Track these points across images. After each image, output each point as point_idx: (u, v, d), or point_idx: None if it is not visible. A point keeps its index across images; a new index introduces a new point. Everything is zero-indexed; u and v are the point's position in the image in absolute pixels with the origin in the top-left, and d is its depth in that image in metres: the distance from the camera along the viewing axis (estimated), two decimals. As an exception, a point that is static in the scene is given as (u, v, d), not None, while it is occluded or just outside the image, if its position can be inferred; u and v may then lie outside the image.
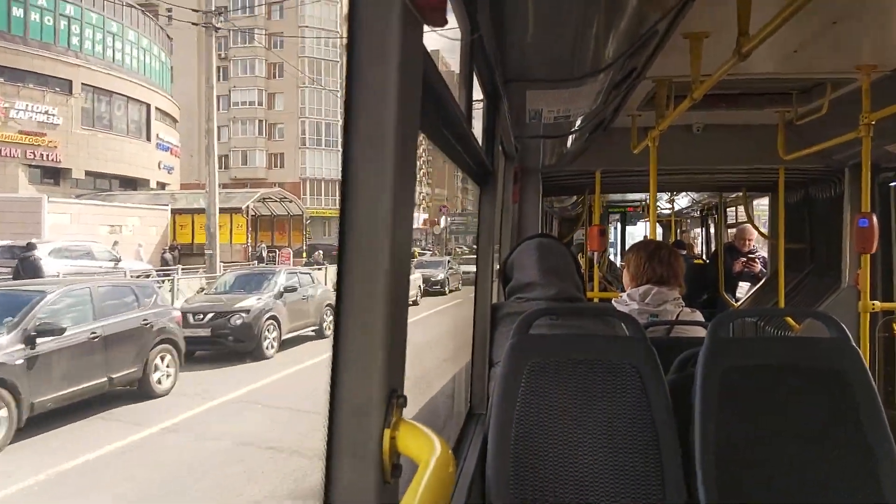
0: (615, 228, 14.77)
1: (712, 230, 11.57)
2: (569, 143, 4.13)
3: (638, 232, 14.30)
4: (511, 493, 1.96)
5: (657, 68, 3.08)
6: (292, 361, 13.03)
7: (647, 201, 11.43)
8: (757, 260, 6.77)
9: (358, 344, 0.82)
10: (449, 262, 30.78)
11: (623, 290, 3.11)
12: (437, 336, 13.89)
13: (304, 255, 37.37)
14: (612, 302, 3.12)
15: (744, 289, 7.58)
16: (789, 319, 5.09)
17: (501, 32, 2.02)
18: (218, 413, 9.59)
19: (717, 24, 2.66)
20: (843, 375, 2.03)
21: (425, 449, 0.79)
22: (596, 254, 6.63)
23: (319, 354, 13.38)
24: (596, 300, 5.68)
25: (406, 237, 0.87)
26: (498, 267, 3.00)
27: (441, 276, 27.56)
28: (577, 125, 3.43)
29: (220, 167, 59.42)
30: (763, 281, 7.05)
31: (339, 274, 0.82)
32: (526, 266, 2.56)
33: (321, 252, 35.61)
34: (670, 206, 11.03)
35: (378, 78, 0.80)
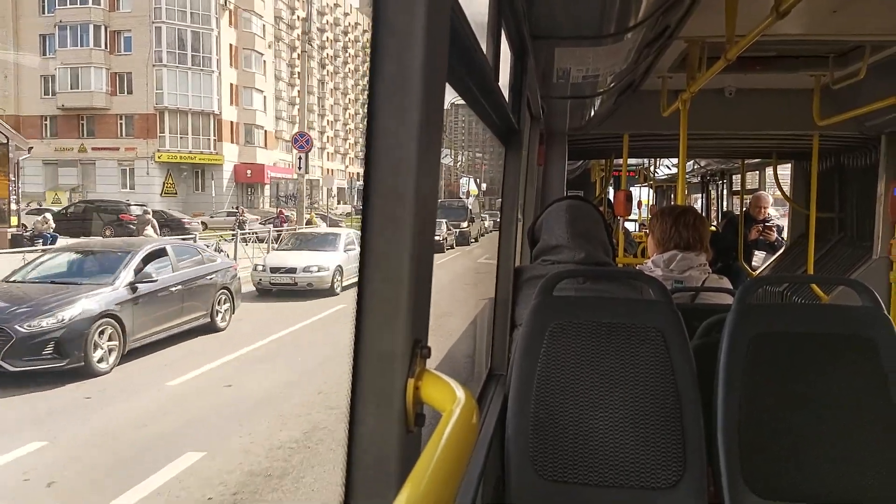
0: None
1: (714, 196, 11.46)
2: (596, 105, 4.06)
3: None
4: (530, 452, 1.97)
5: (690, 28, 3.00)
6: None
7: (644, 167, 11.32)
8: (773, 228, 6.67)
9: (382, 293, 0.82)
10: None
11: (635, 256, 3.08)
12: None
13: (14, 219, 21.64)
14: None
15: (759, 257, 7.49)
16: (817, 289, 5.02)
17: None
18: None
19: None
20: (874, 344, 1.99)
21: (448, 398, 0.79)
22: (622, 220, 6.57)
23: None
24: (621, 266, 5.64)
25: (432, 185, 0.86)
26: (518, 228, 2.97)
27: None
28: (605, 86, 3.37)
29: (43, 93, 45.07)
30: (784, 249, 6.95)
31: (364, 222, 0.81)
32: (554, 228, 2.53)
33: (48, 216, 22.11)
34: (669, 170, 10.85)
35: (405, 21, 0.78)
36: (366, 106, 0.80)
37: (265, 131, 55.57)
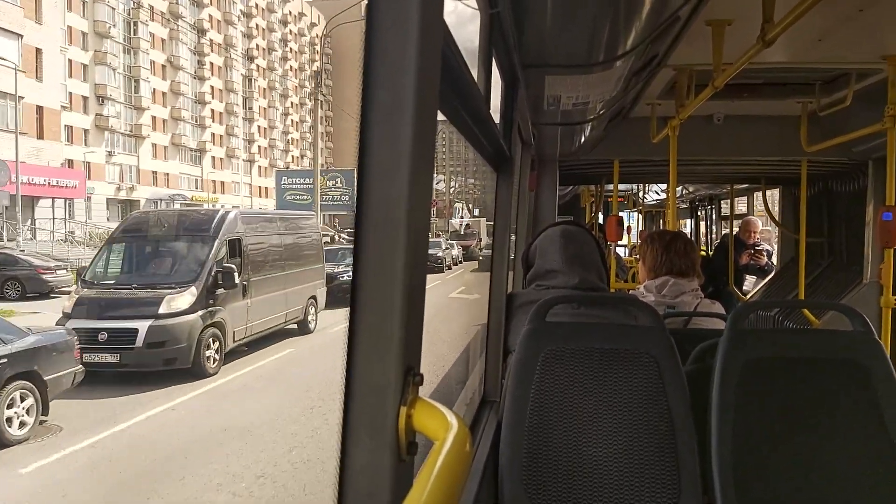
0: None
1: (703, 222, 11.56)
2: (587, 132, 4.10)
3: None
4: (524, 480, 1.96)
5: (678, 56, 3.05)
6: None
7: (633, 192, 11.44)
8: (763, 253, 6.72)
9: (374, 321, 0.82)
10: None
11: (626, 281, 3.07)
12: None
13: None
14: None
15: (749, 282, 7.54)
16: (808, 314, 5.04)
17: (520, 15, 2.00)
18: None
19: (740, 10, 2.62)
20: (866, 369, 2.00)
21: (442, 426, 0.78)
22: (613, 245, 6.60)
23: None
24: (614, 291, 5.65)
25: (424, 212, 0.86)
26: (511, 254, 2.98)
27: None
28: (595, 113, 3.40)
29: None
30: (774, 274, 6.98)
31: (356, 250, 0.81)
32: (549, 253, 2.53)
33: None
34: (658, 195, 10.95)
35: (397, 51, 0.79)
36: (357, 134, 0.80)
37: (38, 109, 34.14)
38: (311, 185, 37.09)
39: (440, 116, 1.10)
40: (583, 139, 4.41)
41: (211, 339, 12.01)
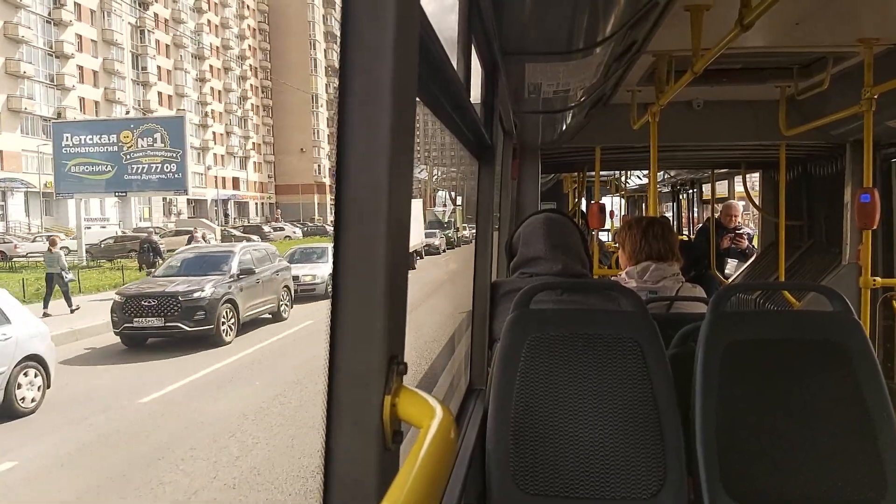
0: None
1: (685, 205, 11.65)
2: (568, 119, 4.10)
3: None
4: (511, 467, 1.97)
5: (657, 42, 3.05)
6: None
7: (615, 177, 11.52)
8: (744, 236, 6.78)
9: (357, 310, 0.81)
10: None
11: (609, 267, 3.08)
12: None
13: None
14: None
15: (731, 265, 7.61)
16: (789, 296, 5.10)
17: (499, 2, 1.99)
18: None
19: None
20: (845, 349, 2.02)
21: (426, 415, 0.78)
22: (596, 231, 6.62)
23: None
24: (596, 277, 5.68)
25: (405, 200, 0.85)
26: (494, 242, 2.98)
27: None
28: (576, 100, 3.40)
29: None
30: (755, 257, 7.06)
31: (336, 238, 0.80)
32: (532, 240, 2.55)
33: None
34: (640, 180, 11.03)
35: (374, 36, 0.79)
36: (335, 120, 0.80)
37: None
38: (118, 147, 25.57)
39: (420, 104, 1.10)
40: (564, 127, 4.41)
41: None
